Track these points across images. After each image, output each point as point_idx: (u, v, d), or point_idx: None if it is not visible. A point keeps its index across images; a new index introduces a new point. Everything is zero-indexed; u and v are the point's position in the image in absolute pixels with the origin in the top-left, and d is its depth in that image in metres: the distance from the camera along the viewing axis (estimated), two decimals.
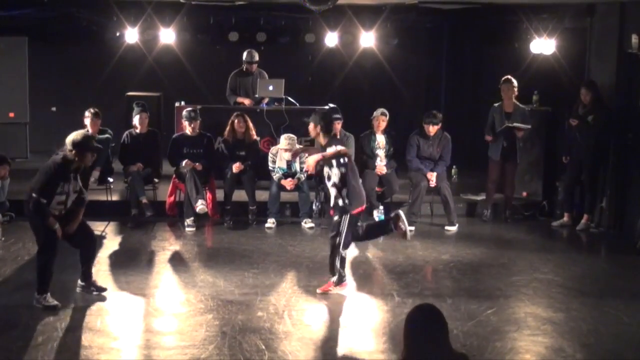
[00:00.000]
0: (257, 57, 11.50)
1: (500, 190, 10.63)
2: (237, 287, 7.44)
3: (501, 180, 10.54)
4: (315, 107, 11.36)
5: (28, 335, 6.09)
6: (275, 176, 10.02)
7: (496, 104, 10.53)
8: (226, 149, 10.21)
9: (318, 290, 7.33)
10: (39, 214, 6.72)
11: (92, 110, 10.10)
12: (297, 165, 10.13)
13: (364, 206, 7.43)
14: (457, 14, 12.17)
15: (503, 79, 10.46)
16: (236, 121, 10.19)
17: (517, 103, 10.45)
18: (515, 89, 10.35)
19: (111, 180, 10.30)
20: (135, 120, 10.22)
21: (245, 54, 11.53)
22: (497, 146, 10.43)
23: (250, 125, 10.31)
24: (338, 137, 10.26)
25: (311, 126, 7.44)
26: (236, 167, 9.94)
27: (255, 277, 7.81)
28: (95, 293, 7.09)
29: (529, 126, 10.38)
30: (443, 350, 3.53)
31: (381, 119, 10.28)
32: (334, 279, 7.33)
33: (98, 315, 6.60)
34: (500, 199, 10.68)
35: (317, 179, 10.30)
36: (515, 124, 10.25)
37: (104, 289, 7.16)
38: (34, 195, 6.70)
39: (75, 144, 6.73)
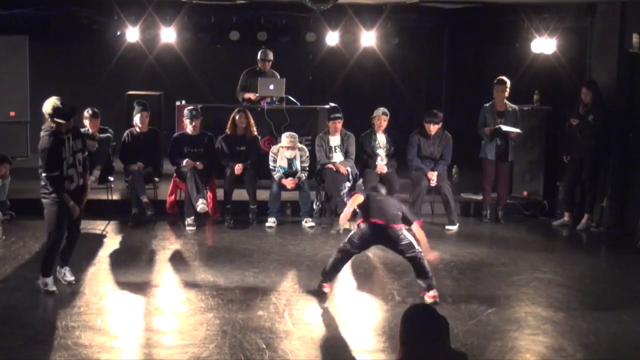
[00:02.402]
0: (271, 56, 11.51)
1: (495, 190, 10.64)
2: (237, 286, 7.45)
3: (495, 179, 10.55)
4: (317, 107, 11.40)
5: (28, 334, 6.10)
6: (276, 175, 10.02)
7: (487, 104, 10.56)
8: (227, 145, 10.21)
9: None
10: (55, 189, 6.91)
11: (90, 111, 10.13)
12: (297, 164, 10.13)
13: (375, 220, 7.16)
14: (458, 13, 12.17)
15: (497, 79, 10.48)
16: (237, 117, 10.21)
17: (509, 103, 10.48)
18: (508, 90, 10.37)
19: (112, 179, 10.30)
20: (136, 119, 10.22)
21: (260, 52, 11.57)
22: (492, 145, 10.45)
23: (252, 121, 10.32)
24: (339, 136, 10.34)
25: None
26: (238, 168, 9.93)
27: (256, 276, 7.81)
28: (65, 281, 7.25)
29: (520, 131, 10.40)
30: (440, 348, 3.53)
31: (382, 118, 10.27)
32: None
33: (98, 314, 6.60)
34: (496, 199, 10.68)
35: (317, 178, 10.32)
36: (507, 129, 10.27)
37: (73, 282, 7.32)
38: (43, 174, 6.91)
39: (50, 114, 6.93)
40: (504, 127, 10.30)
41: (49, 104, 6.95)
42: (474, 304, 7.02)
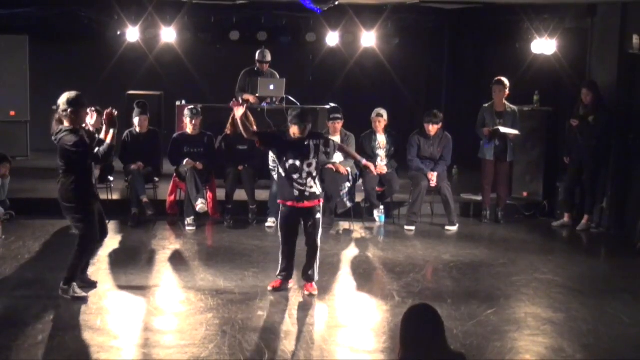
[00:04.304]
0: (269, 57, 11.49)
1: (495, 191, 10.64)
2: (237, 286, 7.45)
3: (494, 180, 10.56)
4: (317, 107, 11.40)
5: (28, 333, 6.09)
6: (276, 175, 10.01)
7: (486, 104, 10.56)
8: (227, 144, 10.21)
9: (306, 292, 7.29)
10: (107, 156, 6.94)
11: (92, 108, 10.10)
12: None
13: None
14: (458, 13, 12.18)
15: (495, 79, 10.47)
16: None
17: (508, 104, 10.47)
18: (507, 90, 10.37)
19: (112, 179, 10.29)
20: (135, 122, 10.23)
21: (257, 53, 11.54)
22: (490, 146, 10.45)
23: (252, 120, 10.31)
24: (339, 136, 10.33)
25: (296, 128, 7.26)
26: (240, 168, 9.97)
27: (256, 276, 7.81)
28: (85, 289, 7.08)
29: (518, 132, 10.40)
30: (440, 349, 3.54)
31: (376, 119, 10.28)
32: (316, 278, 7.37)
33: (98, 314, 6.60)
34: (496, 200, 10.68)
35: (319, 178, 10.29)
36: (505, 130, 10.27)
37: (95, 284, 7.24)
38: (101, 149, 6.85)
39: (70, 102, 6.80)
40: (502, 129, 10.30)
41: (67, 96, 6.86)
42: (474, 305, 7.02)
